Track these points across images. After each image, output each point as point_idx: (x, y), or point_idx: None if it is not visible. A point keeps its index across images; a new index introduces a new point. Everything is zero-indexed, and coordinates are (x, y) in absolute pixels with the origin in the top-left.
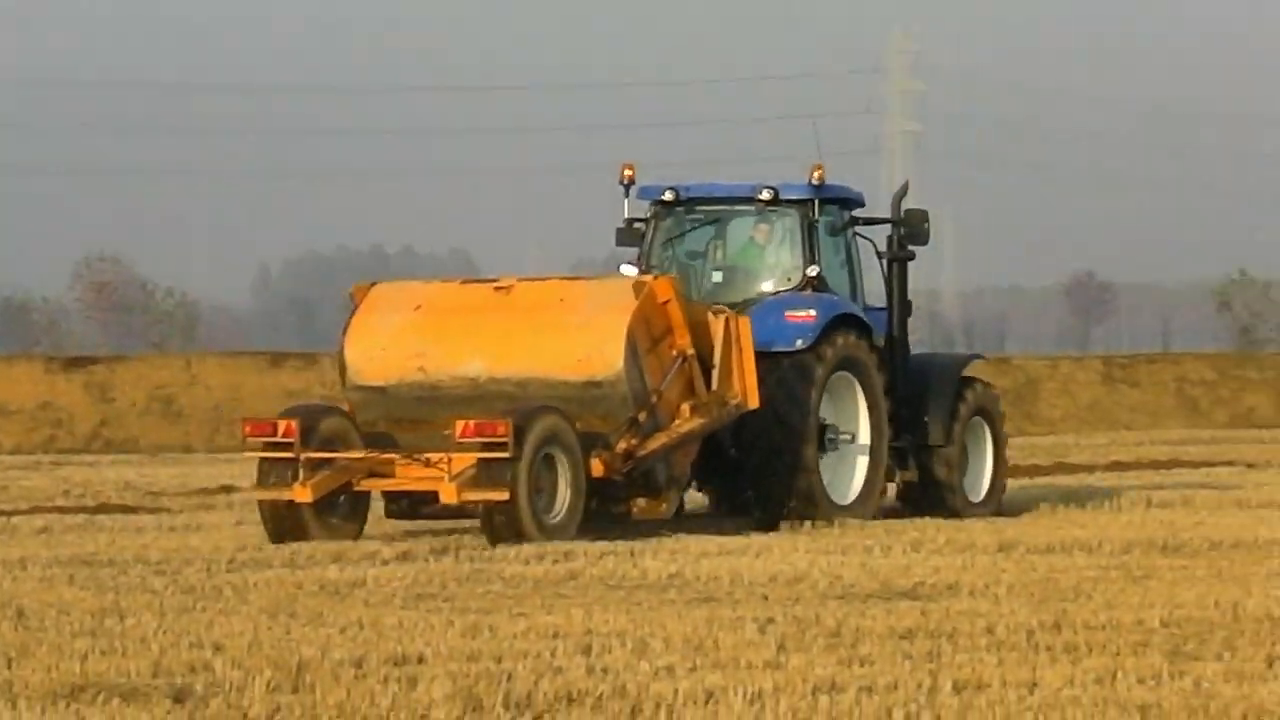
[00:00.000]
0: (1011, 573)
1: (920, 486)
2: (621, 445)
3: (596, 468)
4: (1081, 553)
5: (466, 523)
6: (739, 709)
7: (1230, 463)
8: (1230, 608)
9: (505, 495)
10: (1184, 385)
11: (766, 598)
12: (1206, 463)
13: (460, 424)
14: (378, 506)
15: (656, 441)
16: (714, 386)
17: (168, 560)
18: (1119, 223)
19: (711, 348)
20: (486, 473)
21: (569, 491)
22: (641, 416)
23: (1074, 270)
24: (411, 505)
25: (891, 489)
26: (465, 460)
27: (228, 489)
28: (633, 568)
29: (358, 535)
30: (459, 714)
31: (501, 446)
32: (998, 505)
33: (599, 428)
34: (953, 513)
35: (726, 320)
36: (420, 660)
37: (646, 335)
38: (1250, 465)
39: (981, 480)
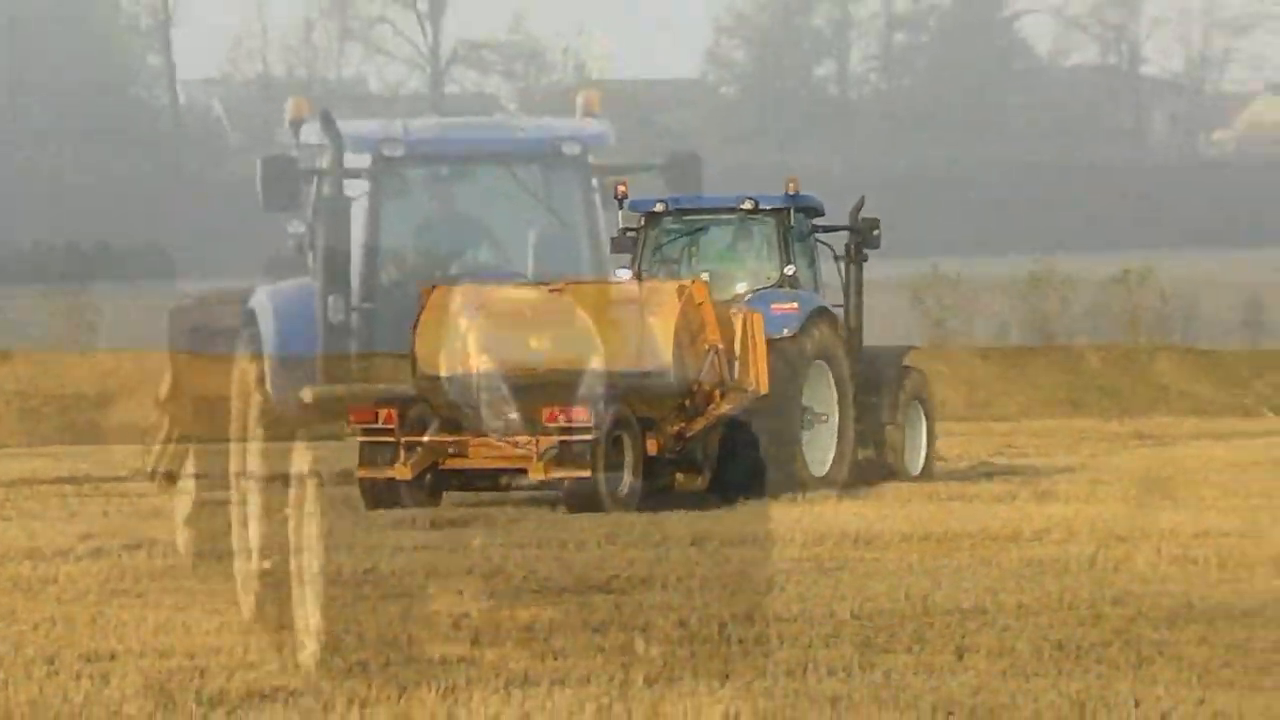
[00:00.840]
0: (705, 565)
1: (876, 461)
2: (674, 428)
3: (652, 447)
4: (774, 545)
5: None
6: (431, 704)
7: None
8: (920, 600)
9: (587, 472)
10: None
11: (461, 592)
12: None
13: (546, 410)
14: None
15: (699, 424)
16: (736, 375)
17: None
18: None
19: (733, 341)
20: (569, 452)
21: (632, 469)
22: (687, 403)
23: None
24: (467, 479)
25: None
26: (548, 441)
27: None
28: (327, 563)
29: (438, 504)
30: (151, 710)
31: (584, 430)
32: (931, 476)
33: (647, 413)
34: (899, 479)
35: (745, 317)
36: (112, 657)
37: (687, 331)
38: (941, 459)
39: (919, 456)
